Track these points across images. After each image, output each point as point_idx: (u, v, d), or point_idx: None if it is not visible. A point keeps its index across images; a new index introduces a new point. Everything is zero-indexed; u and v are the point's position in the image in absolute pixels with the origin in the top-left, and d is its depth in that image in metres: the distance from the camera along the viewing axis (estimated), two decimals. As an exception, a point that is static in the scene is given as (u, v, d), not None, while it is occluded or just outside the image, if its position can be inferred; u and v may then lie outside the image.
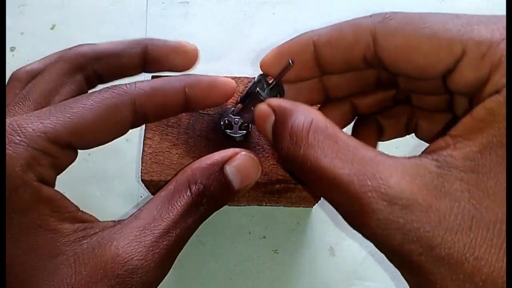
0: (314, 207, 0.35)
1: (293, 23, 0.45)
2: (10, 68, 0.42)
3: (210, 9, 0.46)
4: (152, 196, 0.23)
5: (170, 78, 0.25)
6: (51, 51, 0.44)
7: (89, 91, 0.28)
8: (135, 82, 0.23)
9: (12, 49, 0.43)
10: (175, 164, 0.28)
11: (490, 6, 0.45)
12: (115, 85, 0.23)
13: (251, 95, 0.24)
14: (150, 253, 0.21)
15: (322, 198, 0.33)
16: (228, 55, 0.43)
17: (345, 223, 0.39)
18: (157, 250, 0.21)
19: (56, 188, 0.22)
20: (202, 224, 0.24)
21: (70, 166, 0.23)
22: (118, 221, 0.22)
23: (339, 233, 0.35)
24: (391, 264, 0.38)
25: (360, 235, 0.39)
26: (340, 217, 0.39)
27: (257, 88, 0.24)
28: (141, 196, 0.36)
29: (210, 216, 0.24)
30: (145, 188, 0.31)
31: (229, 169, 0.23)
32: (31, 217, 0.20)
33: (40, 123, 0.21)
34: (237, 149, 0.24)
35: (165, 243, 0.21)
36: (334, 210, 0.40)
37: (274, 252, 0.34)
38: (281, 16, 0.46)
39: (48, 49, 0.43)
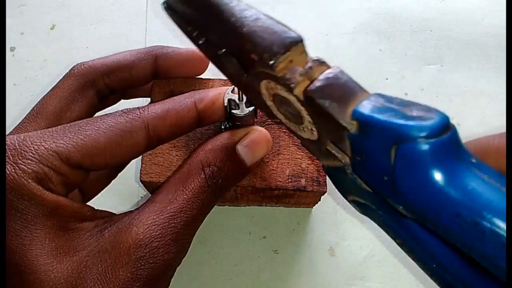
0: (314, 207, 0.35)
1: (293, 23, 0.45)
2: (10, 68, 0.42)
3: (210, 9, 0.46)
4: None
5: (180, 96, 0.25)
6: (51, 51, 0.44)
7: (101, 103, 0.29)
8: (148, 106, 0.24)
9: (12, 49, 0.43)
10: (174, 166, 0.28)
11: (490, 6, 0.45)
12: (129, 109, 0.24)
13: (229, 116, 0.25)
14: (167, 232, 0.22)
15: (322, 200, 0.33)
16: (228, 55, 0.43)
17: (345, 224, 0.39)
18: (174, 230, 0.22)
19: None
20: (202, 224, 0.24)
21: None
22: (135, 209, 0.23)
23: (339, 233, 0.35)
24: (391, 265, 0.38)
25: (361, 236, 0.39)
26: (340, 217, 0.39)
27: (231, 110, 0.25)
28: (141, 197, 0.36)
29: (210, 217, 0.24)
30: (144, 188, 0.31)
31: (241, 148, 0.24)
32: (54, 220, 0.21)
33: (53, 142, 0.21)
34: (248, 128, 0.25)
35: (181, 222, 0.22)
36: (334, 211, 0.40)
37: (274, 252, 0.34)
38: (281, 16, 0.45)
39: (48, 49, 0.43)
